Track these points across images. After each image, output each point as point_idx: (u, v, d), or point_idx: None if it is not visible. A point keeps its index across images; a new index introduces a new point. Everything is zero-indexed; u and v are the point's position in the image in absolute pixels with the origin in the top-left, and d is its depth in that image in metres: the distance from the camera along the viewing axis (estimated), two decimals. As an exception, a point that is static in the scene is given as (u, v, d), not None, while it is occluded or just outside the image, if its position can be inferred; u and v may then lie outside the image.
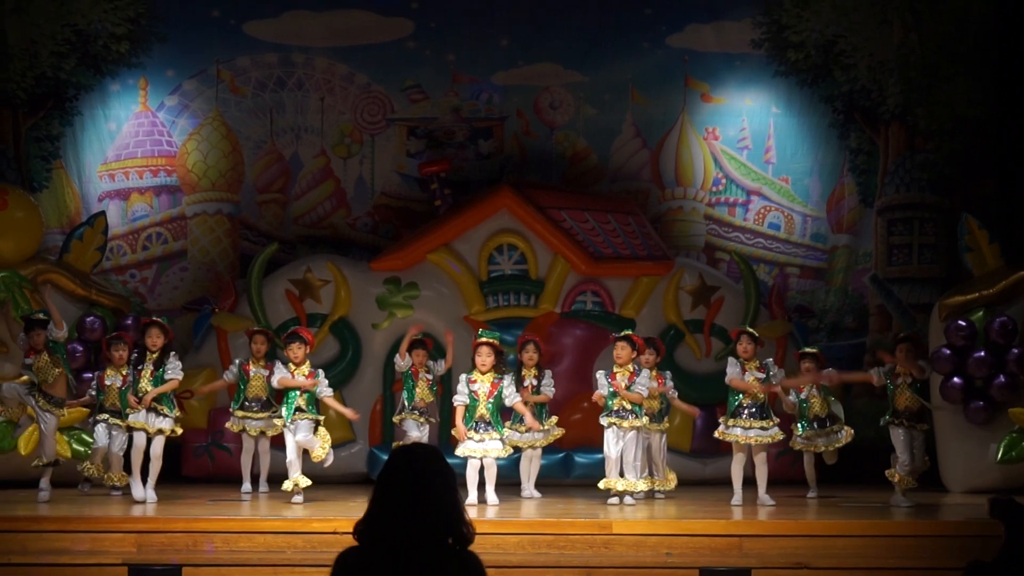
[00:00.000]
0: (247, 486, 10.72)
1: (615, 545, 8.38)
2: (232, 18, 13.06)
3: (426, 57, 13.19)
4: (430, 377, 10.58)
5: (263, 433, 10.67)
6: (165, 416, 9.92)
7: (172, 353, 10.06)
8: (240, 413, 10.63)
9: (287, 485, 9.94)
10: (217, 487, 10.99)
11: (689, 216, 13.25)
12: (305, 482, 9.90)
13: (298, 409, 10.03)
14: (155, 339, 10.00)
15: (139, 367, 10.05)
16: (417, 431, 10.35)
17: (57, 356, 10.07)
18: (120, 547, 8.31)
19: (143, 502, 9.71)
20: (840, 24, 13.06)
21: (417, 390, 10.49)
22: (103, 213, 12.34)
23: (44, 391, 10.00)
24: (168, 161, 13.10)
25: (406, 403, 10.52)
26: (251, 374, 10.63)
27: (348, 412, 10.42)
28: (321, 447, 10.05)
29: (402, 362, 10.51)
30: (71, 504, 9.74)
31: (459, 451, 9.81)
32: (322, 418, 10.24)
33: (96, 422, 10.47)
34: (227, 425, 10.82)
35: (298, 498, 9.89)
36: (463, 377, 10.00)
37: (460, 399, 9.94)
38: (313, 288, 12.13)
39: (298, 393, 10.04)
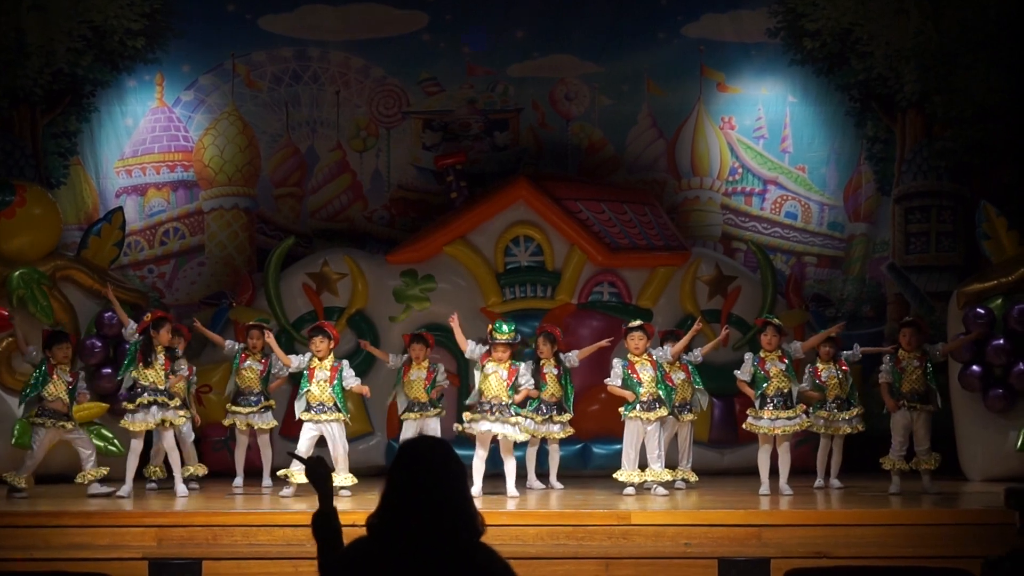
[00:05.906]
0: (239, 480, 10.72)
1: (634, 536, 8.39)
2: (247, 12, 13.07)
3: (441, 50, 13.18)
4: (428, 374, 10.47)
5: (252, 426, 10.64)
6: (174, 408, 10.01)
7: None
8: (234, 408, 10.66)
9: (282, 473, 9.91)
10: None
11: (705, 206, 13.23)
12: (301, 479, 9.64)
13: (322, 406, 9.94)
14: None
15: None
16: (412, 429, 10.22)
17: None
18: (140, 541, 8.37)
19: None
20: (856, 12, 13.01)
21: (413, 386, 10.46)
22: (120, 209, 12.36)
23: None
24: (185, 156, 13.12)
25: (402, 401, 10.49)
26: (245, 364, 10.66)
27: (362, 388, 10.30)
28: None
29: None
30: (92, 500, 9.79)
31: (466, 416, 9.87)
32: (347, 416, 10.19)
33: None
34: (224, 421, 10.85)
35: (287, 491, 9.85)
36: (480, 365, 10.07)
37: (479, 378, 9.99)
38: (330, 281, 12.15)
39: (316, 388, 10.00)
